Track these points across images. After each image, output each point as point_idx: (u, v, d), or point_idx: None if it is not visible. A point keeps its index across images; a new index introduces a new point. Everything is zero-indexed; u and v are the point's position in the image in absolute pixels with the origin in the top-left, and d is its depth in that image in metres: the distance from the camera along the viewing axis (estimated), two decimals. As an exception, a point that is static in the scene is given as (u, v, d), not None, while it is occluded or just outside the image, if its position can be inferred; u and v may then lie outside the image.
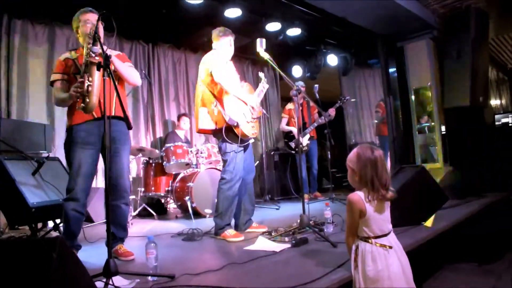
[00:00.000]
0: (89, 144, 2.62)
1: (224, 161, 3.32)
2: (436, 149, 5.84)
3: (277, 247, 2.71)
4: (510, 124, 6.63)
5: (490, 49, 7.01)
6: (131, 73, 2.80)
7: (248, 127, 3.26)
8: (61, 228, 3.36)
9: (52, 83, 2.73)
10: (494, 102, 9.20)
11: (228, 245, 3.03)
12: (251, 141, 3.34)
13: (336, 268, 2.08)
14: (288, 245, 2.73)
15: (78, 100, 2.46)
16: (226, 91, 3.20)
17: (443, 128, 5.89)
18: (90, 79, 2.40)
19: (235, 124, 3.16)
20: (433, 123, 5.82)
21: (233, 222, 3.44)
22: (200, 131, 3.40)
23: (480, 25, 5.30)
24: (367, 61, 7.41)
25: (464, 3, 5.35)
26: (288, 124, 6.01)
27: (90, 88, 2.40)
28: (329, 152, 5.46)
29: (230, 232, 3.19)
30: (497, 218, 4.24)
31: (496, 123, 6.92)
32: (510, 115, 6.80)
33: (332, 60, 6.97)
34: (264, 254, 2.53)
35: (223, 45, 3.41)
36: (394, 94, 6.23)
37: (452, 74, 5.36)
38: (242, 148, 3.30)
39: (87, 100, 2.40)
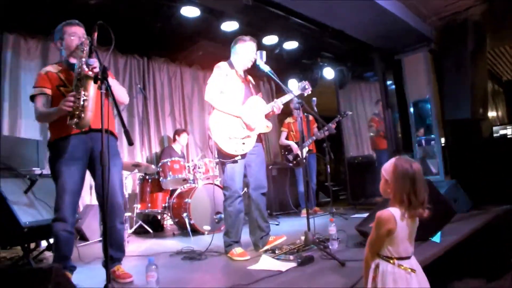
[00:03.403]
0: (76, 159, 2.50)
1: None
2: (436, 162, 5.78)
3: (282, 266, 2.59)
4: (508, 136, 6.60)
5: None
6: (120, 90, 2.67)
7: (231, 144, 3.10)
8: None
9: (33, 98, 2.59)
10: (491, 113, 9.22)
11: (230, 265, 2.90)
12: (238, 158, 3.17)
13: (348, 289, 1.97)
14: (294, 264, 2.61)
15: (68, 115, 2.35)
16: (215, 108, 3.16)
17: (442, 140, 5.84)
18: (86, 93, 2.30)
19: (213, 140, 3.10)
20: (433, 135, 5.78)
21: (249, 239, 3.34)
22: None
23: (478, 37, 5.31)
24: (364, 75, 7.38)
25: (461, 16, 5.36)
26: (287, 138, 5.92)
27: (85, 103, 2.29)
28: (328, 166, 5.37)
29: (236, 250, 3.06)
30: (502, 232, 4.16)
31: (494, 135, 6.89)
32: (508, 127, 6.78)
33: (329, 73, 6.93)
34: (269, 274, 2.41)
35: (232, 54, 3.36)
36: (393, 107, 6.19)
37: (451, 87, 5.34)
38: (234, 163, 3.15)
39: (82, 115, 2.30)
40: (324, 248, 2.84)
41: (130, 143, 2.01)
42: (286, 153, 5.77)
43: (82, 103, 2.28)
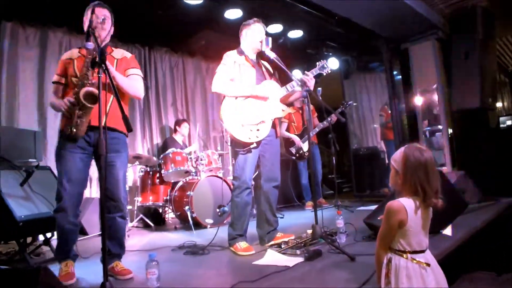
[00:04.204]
0: (79, 148, 2.41)
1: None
2: (444, 153, 5.66)
3: (289, 261, 2.48)
4: (516, 126, 6.45)
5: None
6: (130, 85, 2.55)
7: (243, 131, 2.96)
8: (52, 242, 3.13)
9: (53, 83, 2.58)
10: (497, 104, 9.08)
11: (235, 259, 2.80)
12: (253, 146, 3.04)
13: (361, 286, 1.86)
14: (301, 259, 2.50)
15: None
16: (225, 95, 3.02)
17: (450, 131, 5.72)
18: (81, 112, 2.25)
19: (225, 129, 2.99)
20: (440, 126, 5.65)
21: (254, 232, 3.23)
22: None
23: (487, 24, 5.15)
24: (369, 65, 7.25)
25: (470, 2, 5.21)
26: (288, 129, 5.79)
27: (78, 122, 2.26)
28: (333, 158, 5.25)
29: (241, 244, 2.95)
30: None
31: (501, 125, 6.75)
32: (515, 117, 6.63)
33: (334, 63, 6.78)
34: (276, 269, 2.30)
35: (241, 40, 3.23)
36: (399, 97, 6.06)
37: (460, 76, 5.20)
38: (247, 153, 3.03)
39: (74, 130, 2.27)
40: (332, 242, 2.73)
41: (129, 129, 1.90)
42: (288, 146, 5.65)
43: (75, 121, 2.26)
